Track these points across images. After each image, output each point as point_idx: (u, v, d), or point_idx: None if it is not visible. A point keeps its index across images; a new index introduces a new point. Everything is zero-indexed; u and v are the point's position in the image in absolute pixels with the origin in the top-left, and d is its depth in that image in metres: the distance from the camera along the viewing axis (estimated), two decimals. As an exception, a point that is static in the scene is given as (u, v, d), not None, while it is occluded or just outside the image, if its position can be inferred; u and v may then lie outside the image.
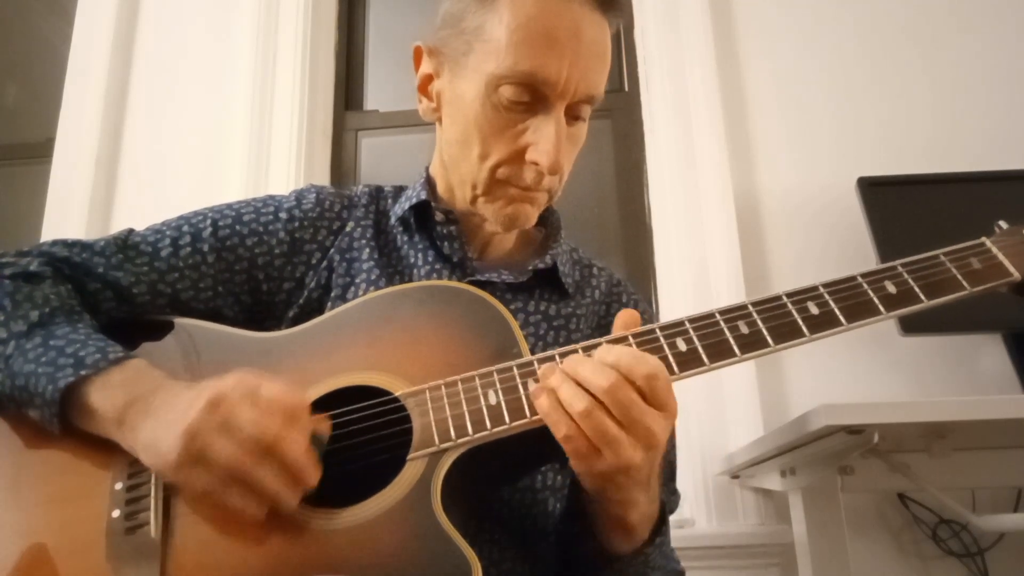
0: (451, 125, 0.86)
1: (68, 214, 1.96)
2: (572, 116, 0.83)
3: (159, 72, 2.13)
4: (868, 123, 1.86)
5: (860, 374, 1.66)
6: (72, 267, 0.82)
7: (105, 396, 0.69)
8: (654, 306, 1.82)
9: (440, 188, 0.93)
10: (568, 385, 0.64)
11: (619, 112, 2.10)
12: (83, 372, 0.69)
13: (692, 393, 1.63)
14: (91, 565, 0.65)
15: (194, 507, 0.67)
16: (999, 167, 1.65)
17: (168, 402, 0.67)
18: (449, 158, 0.88)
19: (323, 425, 0.67)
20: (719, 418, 1.64)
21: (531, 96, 0.80)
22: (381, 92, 2.25)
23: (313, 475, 0.64)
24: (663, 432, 0.64)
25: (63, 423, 0.70)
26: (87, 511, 0.68)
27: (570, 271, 0.94)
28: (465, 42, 0.83)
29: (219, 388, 0.64)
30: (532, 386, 0.67)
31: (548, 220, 0.97)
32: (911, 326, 1.49)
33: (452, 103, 0.86)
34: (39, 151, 2.18)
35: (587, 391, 0.63)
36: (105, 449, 0.70)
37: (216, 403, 0.63)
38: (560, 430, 0.63)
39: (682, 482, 1.04)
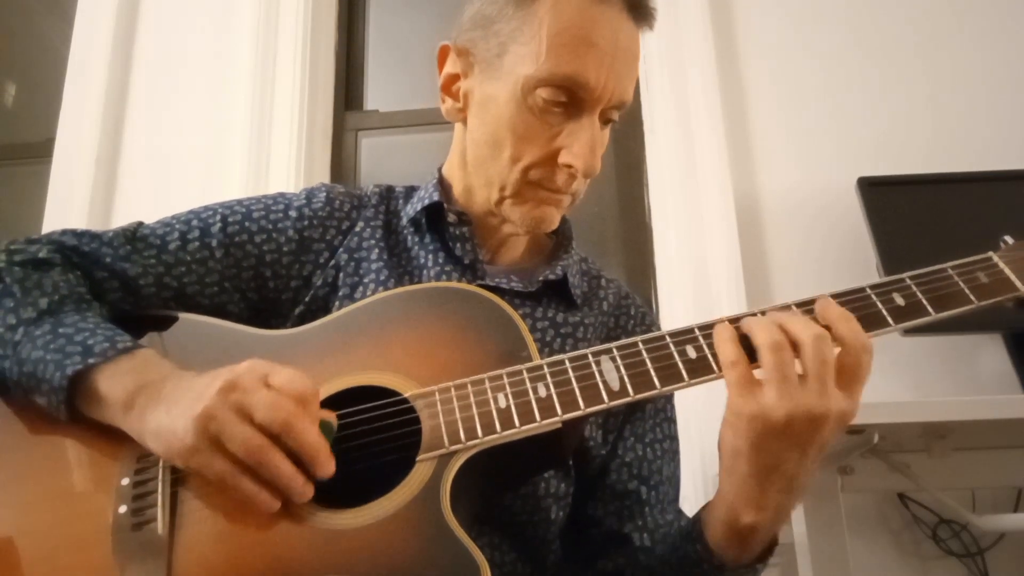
0: (480, 126, 0.86)
1: (68, 214, 1.95)
2: (603, 120, 0.84)
3: (159, 72, 2.13)
4: (868, 123, 1.86)
5: (860, 374, 1.66)
6: (81, 256, 0.83)
7: (114, 383, 0.69)
8: (654, 306, 1.82)
9: (456, 190, 0.93)
10: (763, 324, 0.65)
11: (619, 112, 2.10)
12: (91, 360, 0.69)
13: (692, 392, 1.62)
14: (96, 561, 0.64)
15: (203, 503, 0.66)
16: (999, 167, 1.65)
17: (180, 388, 0.67)
18: (474, 159, 0.88)
19: (331, 415, 0.68)
20: (719, 418, 1.63)
21: (568, 98, 0.80)
22: (381, 92, 2.25)
23: (328, 461, 0.64)
24: (834, 424, 0.64)
25: (70, 410, 0.70)
26: (92, 506, 0.67)
27: (579, 282, 0.94)
28: (499, 44, 0.83)
29: (233, 371, 0.65)
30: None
31: (560, 229, 0.97)
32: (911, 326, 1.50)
33: (482, 104, 0.86)
34: (39, 151, 2.17)
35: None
36: (111, 444, 0.70)
37: (231, 387, 0.63)
38: (727, 353, 0.67)
39: (682, 482, 1.04)
